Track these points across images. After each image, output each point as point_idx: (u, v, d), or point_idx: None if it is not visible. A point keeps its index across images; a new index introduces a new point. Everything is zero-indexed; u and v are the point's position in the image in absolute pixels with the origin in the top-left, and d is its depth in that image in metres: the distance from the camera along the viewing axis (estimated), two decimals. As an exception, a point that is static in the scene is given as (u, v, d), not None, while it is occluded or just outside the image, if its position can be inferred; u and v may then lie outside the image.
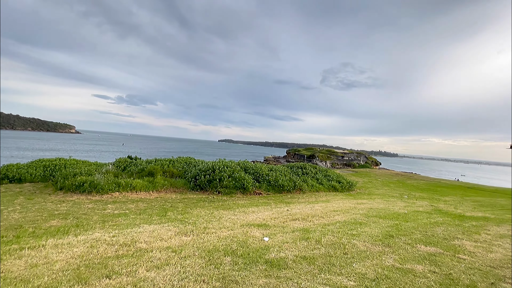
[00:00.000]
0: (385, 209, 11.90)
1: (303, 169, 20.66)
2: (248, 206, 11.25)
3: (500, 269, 4.44)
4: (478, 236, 6.75)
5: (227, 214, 9.11)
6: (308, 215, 9.32)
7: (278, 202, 12.81)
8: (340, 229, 7.13)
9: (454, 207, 14.12)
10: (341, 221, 8.35)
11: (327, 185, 19.41)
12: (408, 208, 12.77)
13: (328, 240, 5.89)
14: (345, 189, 20.08)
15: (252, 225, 7.38)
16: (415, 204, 14.62)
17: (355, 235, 6.37)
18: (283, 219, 8.52)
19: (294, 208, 10.95)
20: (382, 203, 14.18)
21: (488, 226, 8.41)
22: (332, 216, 9.38)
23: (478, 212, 12.36)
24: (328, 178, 20.71)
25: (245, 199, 13.45)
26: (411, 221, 8.82)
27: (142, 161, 17.44)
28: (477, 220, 9.75)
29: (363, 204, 13.43)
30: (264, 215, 9.24)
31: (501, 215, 11.61)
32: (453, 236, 6.63)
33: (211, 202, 11.89)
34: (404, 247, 5.46)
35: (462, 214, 11.26)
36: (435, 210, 12.31)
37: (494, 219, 10.29)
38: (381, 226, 7.63)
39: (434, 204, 15.41)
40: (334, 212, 10.25)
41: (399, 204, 14.17)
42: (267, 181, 16.44)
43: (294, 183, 17.10)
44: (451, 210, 12.68)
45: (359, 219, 8.87)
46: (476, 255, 5.10)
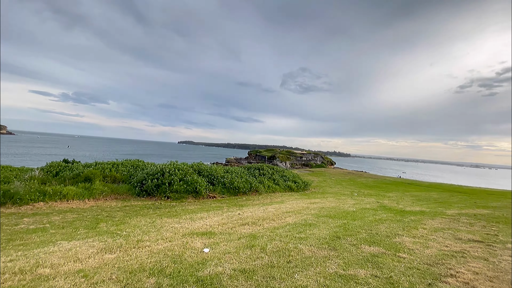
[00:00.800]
0: (336, 207, 12.10)
1: (260, 170, 20.42)
2: (198, 211, 10.43)
3: (436, 266, 4.45)
4: (416, 231, 7.00)
5: (171, 222, 8.20)
6: (259, 218, 8.88)
7: (232, 205, 12.20)
8: (289, 232, 6.79)
9: (396, 203, 15.10)
10: (291, 223, 8.07)
11: (283, 185, 19.43)
12: (357, 205, 13.21)
13: (274, 246, 5.45)
14: (301, 188, 20.36)
15: (196, 234, 6.65)
16: (364, 201, 15.28)
17: (303, 239, 6.06)
18: (232, 224, 7.93)
19: (247, 211, 10.45)
20: (333, 202, 14.50)
21: (424, 220, 8.91)
22: (284, 218, 9.08)
23: (416, 206, 13.32)
24: (284, 178, 20.78)
25: (196, 203, 12.56)
26: (358, 219, 8.95)
27: (79, 164, 15.33)
28: (415, 214, 10.37)
29: (316, 203, 13.55)
30: (212, 221, 8.55)
31: (434, 208, 12.64)
32: (395, 233, 6.75)
33: (157, 208, 10.78)
34: (349, 249, 5.27)
35: (403, 209, 11.96)
36: (380, 207, 12.93)
37: (429, 212, 11.09)
38: (329, 227, 7.52)
39: (380, 200, 16.33)
40: (286, 213, 10.01)
41: (349, 202, 14.64)
42: (222, 183, 15.73)
43: (250, 184, 16.68)
44: (393, 206, 13.47)
45: (310, 220, 8.71)
46: (414, 252, 5.13)
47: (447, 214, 10.42)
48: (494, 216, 9.94)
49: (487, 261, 4.78)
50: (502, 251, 5.47)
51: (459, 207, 13.15)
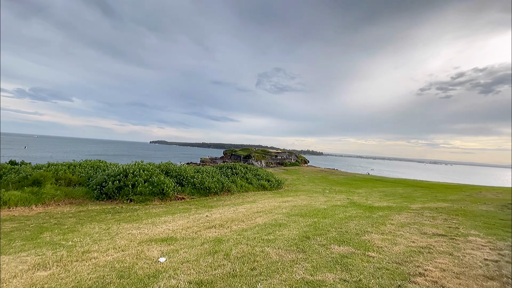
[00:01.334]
0: (308, 205, 11.97)
1: (233, 169, 19.88)
2: (163, 214, 9.65)
3: (405, 264, 4.28)
4: (384, 228, 6.96)
5: (129, 228, 7.40)
6: (228, 220, 8.37)
7: (201, 207, 11.55)
8: (258, 234, 6.38)
9: (365, 199, 15.43)
10: (261, 224, 7.67)
11: (256, 184, 19.08)
12: (328, 202, 13.22)
13: (239, 251, 4.99)
14: (274, 187, 20.17)
15: (155, 241, 5.97)
16: (335, 198, 15.41)
17: (271, 241, 5.67)
18: (197, 228, 7.34)
19: (216, 213, 9.89)
20: (305, 199, 14.42)
21: (392, 216, 9.02)
22: (254, 218, 8.66)
23: (383, 202, 13.67)
24: (258, 177, 20.45)
25: (162, 206, 11.72)
26: (329, 217, 8.81)
27: (27, 166, 13.65)
28: (383, 210, 10.53)
29: (288, 201, 13.34)
30: (177, 224, 7.88)
31: (400, 203, 13.03)
32: (364, 230, 6.63)
33: (117, 213, 9.81)
34: (318, 250, 4.98)
35: (372, 205, 12.16)
36: (350, 203, 13.06)
37: (396, 207, 11.36)
38: (300, 226, 7.23)
39: (350, 196, 16.62)
40: (257, 213, 9.61)
41: (320, 199, 14.66)
42: (192, 183, 14.96)
43: (222, 184, 16.09)
44: (363, 202, 13.69)
45: (281, 219, 8.39)
46: (383, 250, 4.97)
47: (412, 209, 10.72)
48: (453, 209, 10.39)
49: (452, 256, 4.74)
50: (465, 244, 5.53)
51: (422, 201, 13.72)
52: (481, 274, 3.95)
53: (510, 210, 10.88)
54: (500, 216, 9.00)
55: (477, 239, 5.90)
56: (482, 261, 4.51)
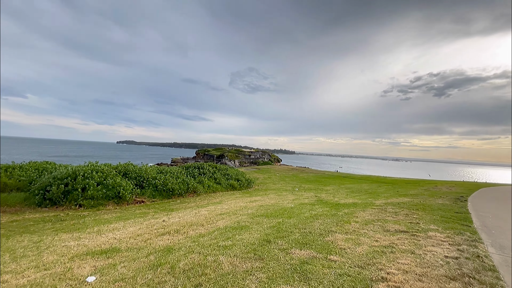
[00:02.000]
0: (275, 204, 11.58)
1: (200, 169, 18.96)
2: (114, 220, 8.59)
3: (367, 268, 3.95)
4: (349, 226, 6.73)
5: (67, 239, 6.34)
6: (186, 224, 7.62)
7: (160, 210, 10.60)
8: (215, 240, 5.75)
9: (332, 196, 15.51)
10: (222, 228, 7.04)
11: (225, 184, 18.38)
12: (296, 201, 12.98)
13: (188, 262, 4.33)
14: (244, 186, 19.62)
15: (92, 254, 5.07)
16: (303, 196, 15.27)
17: (228, 247, 5.08)
18: (149, 235, 6.50)
19: (175, 217, 9.05)
20: (274, 198, 14.06)
21: (357, 212, 8.92)
22: (216, 221, 8.01)
23: (349, 199, 13.78)
24: (227, 177, 19.76)
25: (116, 211, 10.56)
26: (294, 216, 8.45)
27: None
28: (349, 207, 10.47)
29: (256, 201, 12.87)
30: (126, 232, 6.95)
31: (365, 199, 13.21)
32: (328, 230, 6.32)
33: (59, 221, 8.54)
34: (277, 256, 4.49)
35: (338, 202, 12.12)
36: (318, 201, 12.95)
37: (361, 204, 11.41)
38: (263, 228, 6.74)
39: (318, 194, 16.63)
40: (220, 215, 8.96)
41: (289, 198, 14.40)
42: (154, 185, 13.86)
43: (188, 185, 15.16)
44: (330, 199, 13.69)
45: (244, 221, 7.84)
46: (346, 252, 4.63)
47: (376, 205, 10.81)
48: (413, 204, 10.66)
49: (414, 255, 4.53)
50: (425, 240, 5.41)
51: (385, 197, 14.07)
52: (443, 275, 3.72)
53: (463, 202, 11.47)
54: (455, 209, 9.33)
55: (436, 234, 5.85)
56: (443, 259, 4.34)
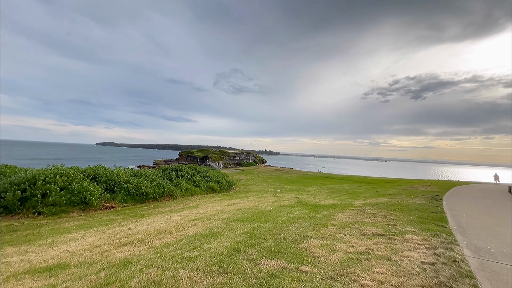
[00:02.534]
0: (254, 207, 11.14)
1: (178, 171, 18.16)
2: (75, 229, 7.79)
3: (340, 280, 3.59)
4: (325, 230, 6.41)
5: (11, 254, 5.54)
6: (153, 232, 6.99)
7: (130, 216, 9.85)
8: (180, 250, 5.20)
9: (313, 197, 15.31)
10: (191, 235, 6.49)
11: (204, 186, 17.72)
12: (275, 203, 12.61)
13: (143, 279, 3.77)
14: (224, 188, 19.05)
15: (34, 272, 4.37)
16: (283, 198, 14.95)
17: (192, 259, 4.56)
18: (109, 246, 5.83)
19: (144, 223, 8.37)
20: (254, 201, 13.62)
21: (335, 214, 8.67)
22: (186, 228, 7.43)
23: (329, 200, 13.61)
24: (207, 179, 19.09)
25: (81, 218, 9.69)
26: (271, 220, 8.04)
27: None
28: (328, 208, 10.23)
29: (235, 204, 12.37)
30: (84, 243, 6.23)
31: (345, 200, 13.08)
32: (304, 235, 5.95)
33: (10, 232, 7.62)
34: (244, 268, 4.03)
35: (318, 204, 11.88)
36: (298, 202, 12.66)
37: (340, 205, 11.22)
38: (235, 235, 6.26)
39: (299, 195, 16.39)
40: (193, 221, 8.38)
41: (269, 200, 14.02)
42: (126, 189, 12.99)
43: (163, 188, 14.38)
44: (310, 200, 13.44)
45: (217, 227, 7.32)
46: (319, 261, 4.26)
47: (355, 205, 10.65)
48: (391, 204, 10.60)
49: (391, 261, 4.24)
50: (402, 244, 5.17)
51: (365, 197, 14.04)
52: (420, 285, 3.42)
53: (439, 201, 11.60)
54: (431, 209, 9.33)
55: (413, 237, 5.64)
56: (419, 266, 4.07)
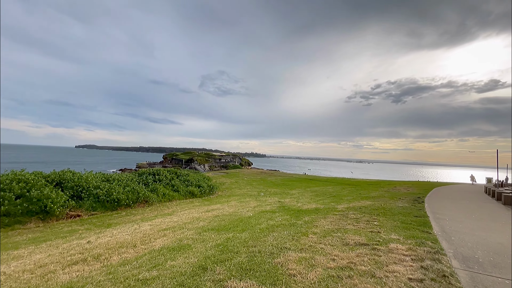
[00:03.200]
0: (233, 214, 10.48)
1: (156, 175, 17.17)
2: (25, 244, 6.81)
3: (317, 306, 3.02)
4: (306, 240, 5.87)
5: None
6: (114, 246, 6.17)
7: (95, 226, 8.90)
8: (138, 269, 4.46)
9: (296, 201, 14.84)
10: (157, 249, 5.74)
11: (184, 191, 16.82)
12: (257, 208, 12.00)
13: (77, 314, 3.03)
14: (206, 193, 18.22)
15: None
16: (266, 202, 14.38)
17: (149, 281, 3.85)
18: (55, 266, 4.98)
19: (108, 235, 7.50)
20: (234, 206, 12.95)
21: (317, 220, 8.18)
22: (154, 240, 6.66)
23: (313, 203, 13.17)
24: (187, 183, 18.19)
25: (38, 230, 8.63)
26: (249, 228, 7.42)
27: None
28: (310, 213, 9.74)
29: (214, 210, 11.64)
30: (28, 262, 5.33)
31: (328, 204, 12.69)
32: (282, 246, 5.38)
33: None
34: (206, 294, 3.38)
35: (300, 208, 11.39)
36: (280, 207, 12.12)
37: (323, 209, 10.79)
38: (206, 248, 5.59)
39: (282, 199, 15.88)
40: (163, 231, 7.60)
41: (251, 205, 13.40)
42: (95, 196, 11.94)
43: (138, 194, 13.40)
44: (293, 205, 12.95)
45: (188, 238, 6.60)
46: (295, 281, 3.68)
47: (338, 210, 10.24)
48: (375, 208, 10.28)
49: (375, 279, 3.73)
50: (387, 255, 4.71)
51: (348, 200, 13.73)
52: (409, 310, 2.93)
53: (421, 204, 11.44)
54: (414, 213, 9.06)
55: (398, 246, 5.21)
56: (406, 283, 3.58)
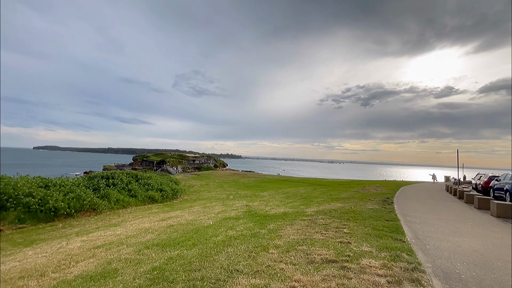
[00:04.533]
0: (191, 222, 9.17)
1: (110, 179, 15.19)
2: None
3: None
4: (265, 257, 4.82)
5: None
6: (16, 276, 4.62)
7: (13, 245, 7.09)
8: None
9: (265, 204, 13.85)
10: (69, 280, 4.31)
11: (143, 196, 15.06)
12: (220, 214, 10.80)
13: None
14: (168, 198, 16.56)
15: None
16: (233, 206, 13.21)
17: None
18: None
19: (20, 257, 5.85)
20: (196, 213, 11.61)
21: (283, 228, 7.22)
22: (74, 264, 5.18)
23: (282, 207, 12.26)
24: (147, 187, 16.40)
25: None
26: (202, 242, 6.21)
27: None
28: (277, 219, 8.77)
29: (170, 218, 10.22)
30: None
31: (297, 207, 11.86)
32: (233, 269, 4.27)
33: None
34: None
35: (268, 213, 10.39)
36: (246, 212, 11.02)
37: (292, 213, 9.90)
38: (136, 274, 4.28)
39: (251, 202, 14.83)
40: (94, 250, 6.11)
41: (215, 210, 12.16)
42: (25, 205, 9.90)
43: (83, 201, 11.50)
44: (261, 209, 11.93)
45: (120, 259, 5.22)
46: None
47: (307, 214, 9.40)
48: (345, 211, 9.60)
49: (344, 320, 2.76)
50: (358, 278, 3.80)
51: (318, 202, 13.04)
52: None
53: (390, 205, 11.04)
54: (385, 216, 8.48)
55: (371, 262, 4.35)
56: (385, 326, 2.66)
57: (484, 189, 18.52)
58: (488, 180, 18.37)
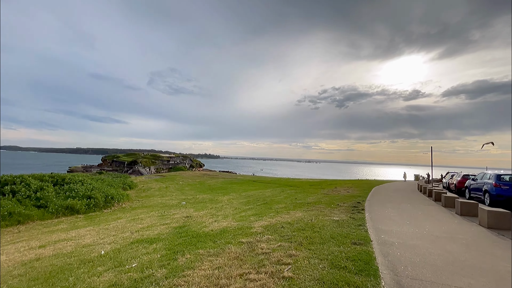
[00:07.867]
0: (78, 251, 6.13)
1: (10, 185, 11.50)
2: None
3: None
4: None
5: None
6: None
7: None
8: None
9: (213, 214, 11.03)
10: None
11: (58, 206, 11.58)
12: (141, 232, 7.83)
13: None
14: (97, 206, 13.15)
15: None
16: (169, 218, 10.28)
17: None
18: None
19: None
20: (111, 230, 8.53)
21: (203, 260, 4.52)
22: None
23: (228, 219, 9.53)
24: (68, 194, 12.90)
25: None
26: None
27: None
28: (205, 242, 6.04)
29: (58, 243, 7.08)
30: None
31: (246, 219, 9.22)
32: None
33: None
34: None
35: (202, 231, 7.59)
36: (177, 228, 8.14)
37: (233, 230, 7.24)
38: None
39: (197, 211, 11.97)
40: None
41: (140, 225, 9.15)
42: None
43: None
44: (200, 222, 9.10)
45: None
46: None
47: (250, 233, 6.76)
48: (302, 226, 7.10)
49: None
50: None
51: (276, 211, 10.50)
52: None
53: (361, 213, 8.80)
54: (352, 234, 6.08)
55: None
56: None
57: (458, 189, 17.25)
58: (462, 179, 17.11)
